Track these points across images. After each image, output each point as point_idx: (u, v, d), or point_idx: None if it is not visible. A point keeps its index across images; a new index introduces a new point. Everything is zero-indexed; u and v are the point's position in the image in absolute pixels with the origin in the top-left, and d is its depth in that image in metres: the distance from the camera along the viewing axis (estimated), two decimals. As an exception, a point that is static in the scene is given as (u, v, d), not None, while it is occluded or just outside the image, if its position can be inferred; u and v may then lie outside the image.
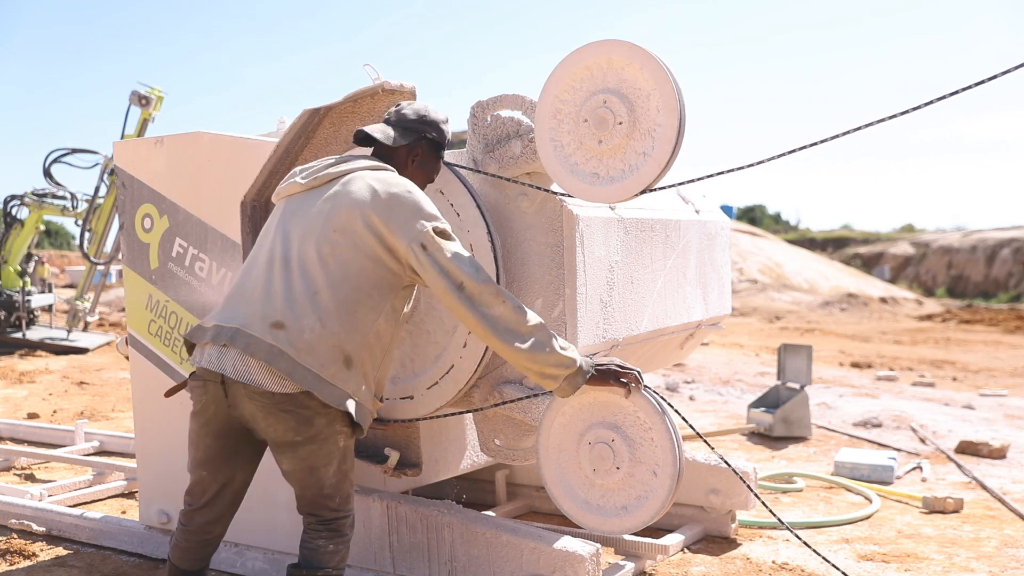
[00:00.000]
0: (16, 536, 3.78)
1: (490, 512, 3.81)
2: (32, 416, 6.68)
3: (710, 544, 3.69)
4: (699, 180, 2.75)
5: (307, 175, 2.56)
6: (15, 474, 5.02)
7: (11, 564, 3.51)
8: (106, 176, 10.40)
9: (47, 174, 10.56)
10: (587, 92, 2.61)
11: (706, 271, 3.83)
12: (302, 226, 2.45)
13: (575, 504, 2.68)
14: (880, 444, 5.72)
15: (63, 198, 10.85)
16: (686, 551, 3.59)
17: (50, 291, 11.81)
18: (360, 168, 2.53)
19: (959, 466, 5.09)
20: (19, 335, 10.89)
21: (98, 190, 10.46)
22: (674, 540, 3.54)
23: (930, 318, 19.95)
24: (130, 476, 4.60)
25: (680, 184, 2.79)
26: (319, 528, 2.45)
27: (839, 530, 3.93)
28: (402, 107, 2.70)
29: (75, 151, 10.57)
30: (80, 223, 10.51)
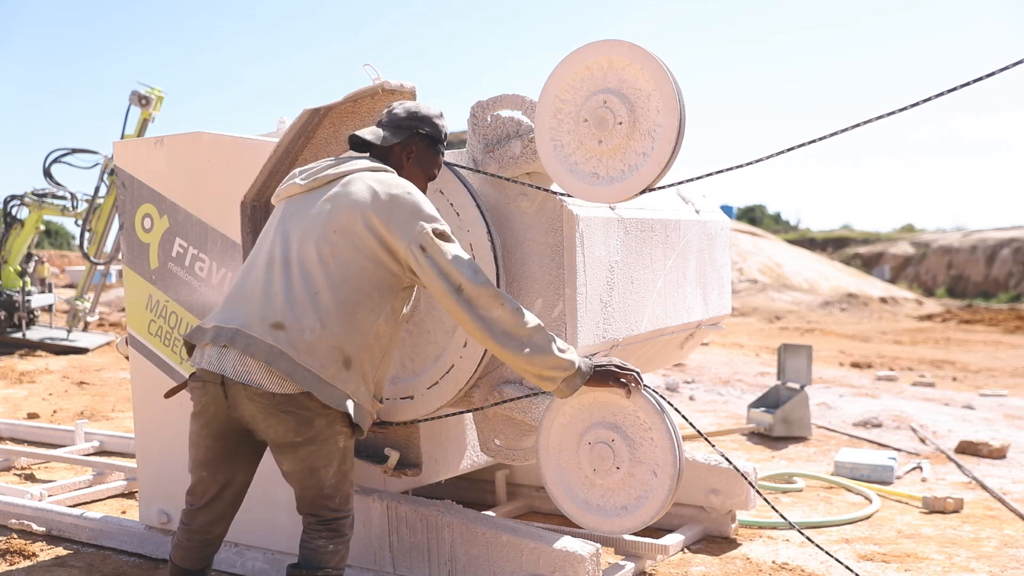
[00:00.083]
0: (16, 536, 3.78)
1: (490, 512, 3.81)
2: (32, 416, 6.68)
3: (710, 544, 3.69)
4: (699, 179, 2.75)
5: (307, 176, 2.56)
6: (15, 474, 5.02)
7: (11, 564, 3.52)
8: (106, 176, 10.40)
9: (47, 174, 10.56)
10: (587, 92, 2.61)
11: (706, 271, 3.83)
12: (302, 227, 2.45)
13: (575, 504, 2.68)
14: (880, 444, 5.72)
15: (63, 198, 10.85)
16: (686, 551, 3.59)
17: (50, 291, 11.81)
18: (360, 169, 2.53)
19: (959, 466, 5.09)
20: (19, 335, 10.89)
21: (98, 190, 10.46)
22: (674, 540, 3.54)
23: (930, 318, 19.95)
24: (130, 476, 4.60)
25: (680, 183, 2.79)
26: (319, 528, 2.45)
27: (839, 530, 3.93)
28: (393, 107, 2.70)
29: (75, 151, 10.57)
30: (80, 223, 10.50)
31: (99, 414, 6.86)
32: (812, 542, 2.89)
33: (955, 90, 2.30)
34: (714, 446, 2.86)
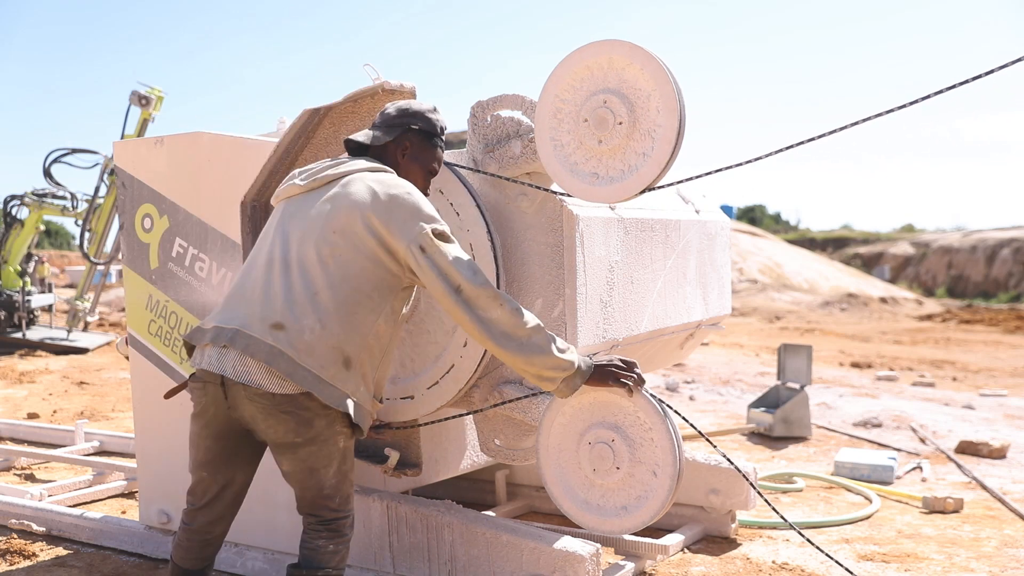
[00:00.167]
0: (16, 536, 3.78)
1: (490, 512, 3.81)
2: (32, 416, 6.68)
3: (710, 544, 3.69)
4: (698, 178, 2.75)
5: (306, 177, 2.56)
6: (15, 474, 5.02)
7: (11, 564, 3.52)
8: (106, 176, 10.40)
9: (47, 174, 10.56)
10: (587, 92, 2.61)
11: (706, 271, 3.83)
12: (301, 227, 2.45)
13: (575, 504, 2.67)
14: (880, 444, 5.72)
15: (63, 198, 10.85)
16: (686, 551, 3.59)
17: (50, 291, 11.81)
18: (359, 169, 2.53)
19: (959, 466, 5.09)
20: (19, 335, 10.89)
21: (98, 190, 10.46)
22: (674, 540, 3.54)
23: (930, 318, 19.95)
24: (130, 476, 4.60)
25: (680, 182, 2.79)
26: (319, 528, 2.45)
27: (839, 530, 3.93)
28: (386, 108, 2.70)
29: (75, 151, 10.57)
30: (80, 223, 10.51)
31: (99, 414, 6.86)
32: (811, 543, 2.89)
33: (955, 87, 2.30)
34: (716, 446, 2.86)
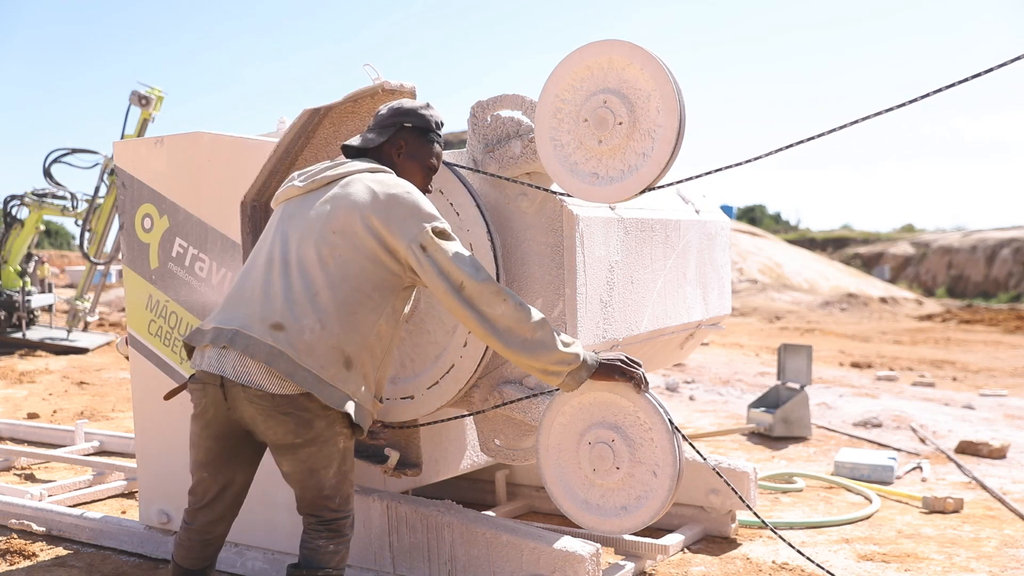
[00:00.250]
0: (16, 536, 3.78)
1: (490, 512, 3.81)
2: (32, 416, 6.68)
3: (710, 544, 3.69)
4: (698, 177, 2.75)
5: (305, 179, 2.56)
6: (15, 474, 5.02)
7: (11, 564, 3.52)
8: (106, 176, 10.40)
9: (47, 174, 10.56)
10: (587, 92, 2.61)
11: (706, 271, 3.83)
12: (301, 228, 2.45)
13: (575, 504, 2.67)
14: (880, 444, 5.72)
15: (63, 198, 10.85)
16: (686, 551, 3.59)
17: (50, 291, 11.81)
18: (358, 170, 2.53)
19: (959, 466, 5.09)
20: (19, 335, 10.89)
21: (98, 190, 10.46)
22: (674, 540, 3.54)
23: (930, 318, 19.95)
24: (130, 476, 4.60)
25: (680, 182, 2.79)
26: (319, 528, 2.45)
27: (839, 530, 3.93)
28: (379, 110, 2.70)
29: (75, 151, 10.57)
30: (80, 223, 10.51)
31: (99, 414, 6.86)
32: (790, 544, 2.89)
33: (955, 85, 2.30)
34: (704, 458, 2.86)
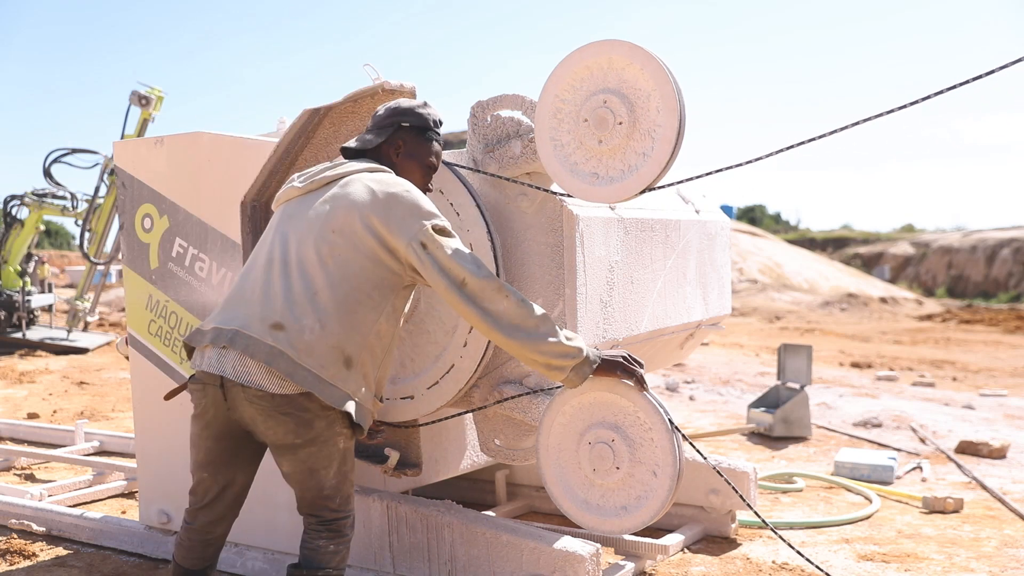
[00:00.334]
0: (16, 536, 3.78)
1: (490, 512, 3.81)
2: (32, 416, 6.68)
3: (710, 544, 3.69)
4: (698, 178, 2.75)
5: (304, 179, 2.56)
6: (15, 474, 5.02)
7: (11, 564, 3.52)
8: (106, 176, 10.40)
9: (47, 174, 10.56)
10: (587, 92, 2.61)
11: (706, 271, 3.83)
12: (300, 228, 2.45)
13: (574, 504, 2.67)
14: (880, 444, 5.72)
15: (63, 198, 10.86)
16: (686, 551, 3.59)
17: (50, 291, 11.81)
18: (358, 170, 2.53)
19: (959, 466, 5.09)
20: (19, 335, 10.89)
21: (98, 190, 10.46)
22: (674, 540, 3.54)
23: (930, 318, 19.95)
24: (130, 476, 4.60)
25: (680, 183, 2.79)
26: (319, 529, 2.45)
27: (839, 530, 3.93)
28: (376, 110, 2.70)
29: (75, 151, 10.57)
30: (80, 223, 10.51)
31: (99, 414, 6.86)
32: (789, 544, 2.89)
33: (955, 88, 2.30)
34: (705, 457, 2.86)
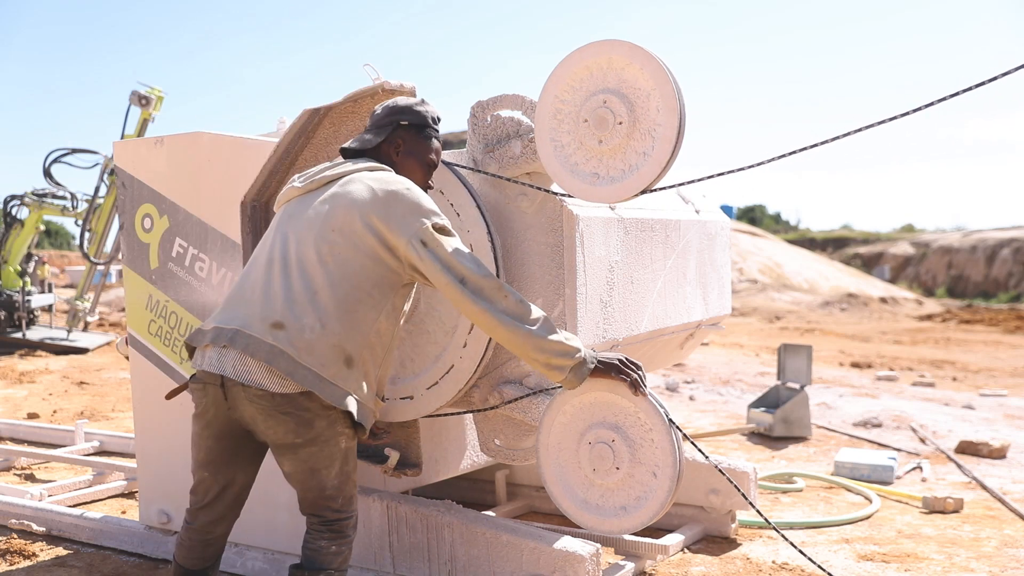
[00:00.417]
0: (16, 536, 3.78)
1: (490, 512, 3.81)
2: (32, 416, 6.68)
3: (710, 544, 3.69)
4: (699, 181, 2.75)
5: (304, 179, 2.57)
6: (15, 474, 5.02)
7: (11, 564, 3.52)
8: (106, 176, 10.40)
9: (47, 174, 10.56)
10: (587, 92, 2.61)
11: (706, 271, 3.83)
12: (300, 227, 2.45)
13: (574, 504, 2.67)
14: (880, 444, 5.72)
15: (63, 198, 10.86)
16: (686, 551, 3.59)
17: (50, 291, 11.81)
18: (357, 169, 2.53)
19: (959, 466, 5.09)
20: (19, 335, 10.89)
21: (98, 190, 10.46)
22: (674, 540, 3.54)
23: (930, 318, 19.95)
24: (130, 476, 4.60)
25: (680, 184, 2.79)
26: (321, 529, 2.45)
27: (839, 530, 3.93)
28: (375, 110, 2.70)
29: (75, 151, 10.57)
30: (80, 223, 10.51)
31: (99, 414, 6.86)
32: (791, 544, 2.89)
33: (958, 95, 2.30)
34: (707, 456, 2.86)
